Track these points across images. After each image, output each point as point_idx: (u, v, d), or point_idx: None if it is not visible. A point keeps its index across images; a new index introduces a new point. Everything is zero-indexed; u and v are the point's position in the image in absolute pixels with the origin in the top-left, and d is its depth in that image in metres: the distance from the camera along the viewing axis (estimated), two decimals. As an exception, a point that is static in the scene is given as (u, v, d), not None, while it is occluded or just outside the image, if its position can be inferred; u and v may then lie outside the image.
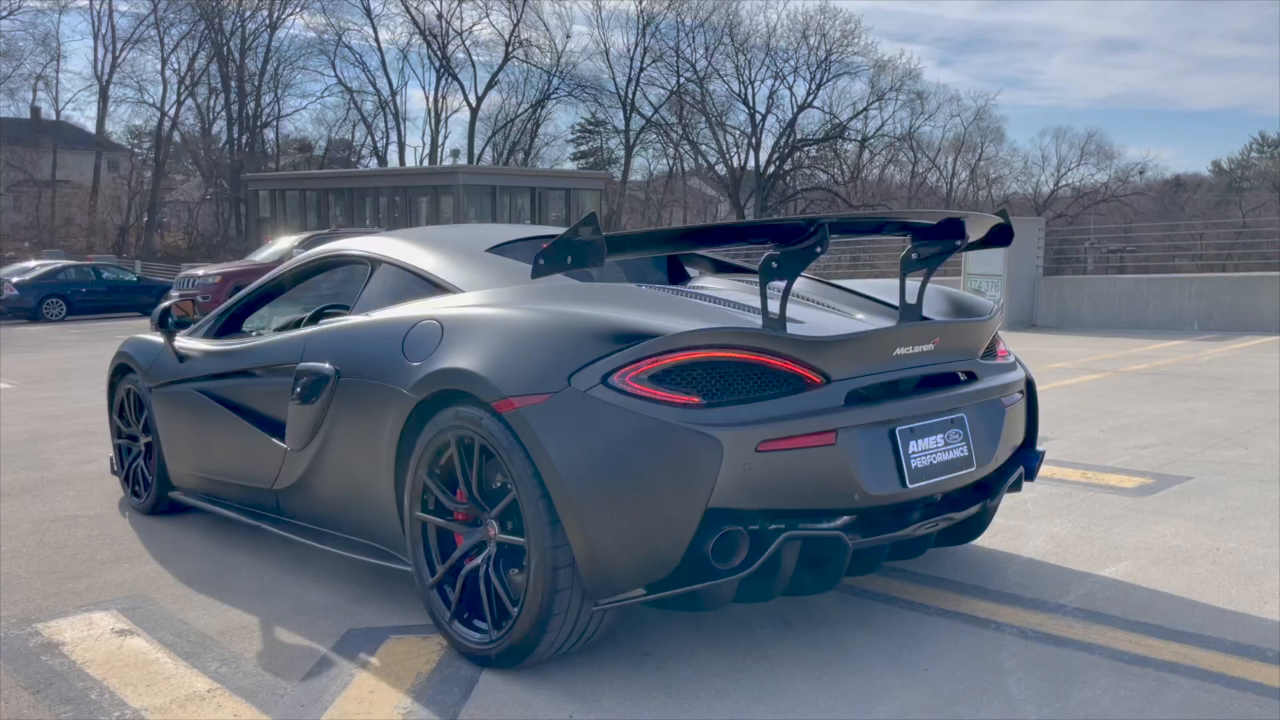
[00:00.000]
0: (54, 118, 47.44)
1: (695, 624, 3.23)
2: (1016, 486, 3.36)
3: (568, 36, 68.71)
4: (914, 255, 3.17)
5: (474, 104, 50.29)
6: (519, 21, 49.00)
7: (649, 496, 2.59)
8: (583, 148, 59.39)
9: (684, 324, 2.76)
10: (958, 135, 53.77)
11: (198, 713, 2.73)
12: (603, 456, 2.61)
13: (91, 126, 47.56)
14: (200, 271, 17.93)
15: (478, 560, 2.92)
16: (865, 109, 50.82)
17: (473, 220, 24.18)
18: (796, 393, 2.71)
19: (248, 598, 3.63)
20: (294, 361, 3.66)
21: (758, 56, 50.10)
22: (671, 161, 54.05)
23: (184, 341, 4.55)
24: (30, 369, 11.90)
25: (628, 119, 51.73)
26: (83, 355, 13.58)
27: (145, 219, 45.14)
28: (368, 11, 48.54)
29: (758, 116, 50.78)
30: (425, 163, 49.73)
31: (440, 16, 48.59)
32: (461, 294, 3.36)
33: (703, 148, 52.72)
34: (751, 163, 51.25)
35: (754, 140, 51.18)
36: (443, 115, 50.69)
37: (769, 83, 50.80)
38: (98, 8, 44.05)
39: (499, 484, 2.87)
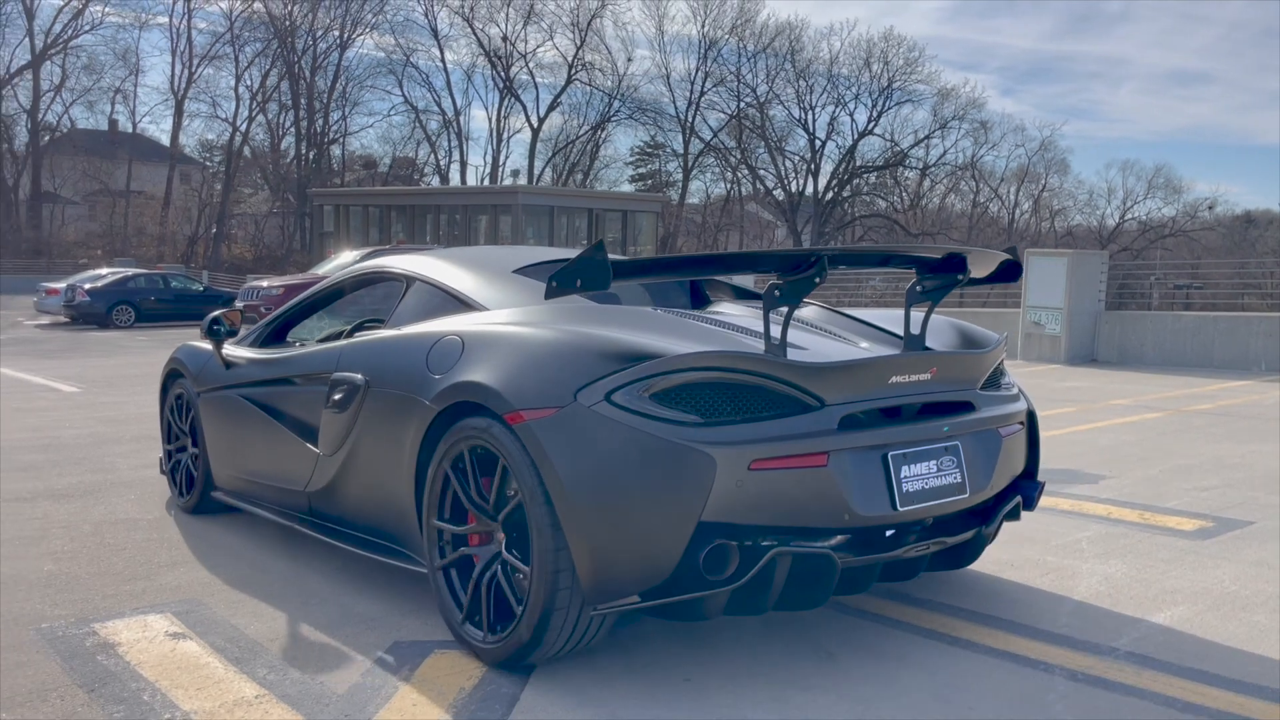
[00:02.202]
0: (130, 130, 48.96)
1: (738, 650, 3.21)
2: (1014, 515, 3.42)
3: (629, 60, 69.35)
4: (919, 288, 3.28)
5: (535, 125, 50.96)
6: (582, 45, 49.61)
7: (645, 507, 2.70)
8: (641, 170, 59.71)
9: (687, 346, 2.87)
10: (1021, 165, 53.22)
11: (245, 717, 2.78)
12: (603, 468, 2.73)
13: (166, 139, 48.98)
14: (264, 283, 18.34)
15: (487, 563, 3.07)
16: (927, 137, 50.58)
17: (530, 240, 24.42)
18: (791, 415, 2.81)
19: (297, 605, 3.69)
20: (329, 371, 3.85)
21: (819, 83, 50.17)
22: (729, 185, 54.17)
23: (231, 350, 4.74)
24: (97, 374, 12.25)
25: (686, 142, 51.95)
26: (148, 361, 13.94)
27: (214, 230, 46.29)
28: (435, 33, 49.56)
29: (817, 142, 50.75)
30: (486, 182, 50.41)
31: (505, 39, 49.38)
32: (486, 311, 3.50)
33: (761, 172, 52.76)
34: (810, 188, 51.22)
35: (813, 166, 51.11)
36: (504, 135, 51.44)
37: (830, 109, 50.84)
38: (177, 25, 45.55)
39: (507, 492, 2.99)
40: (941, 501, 2.99)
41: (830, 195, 51.02)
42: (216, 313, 4.83)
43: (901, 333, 3.39)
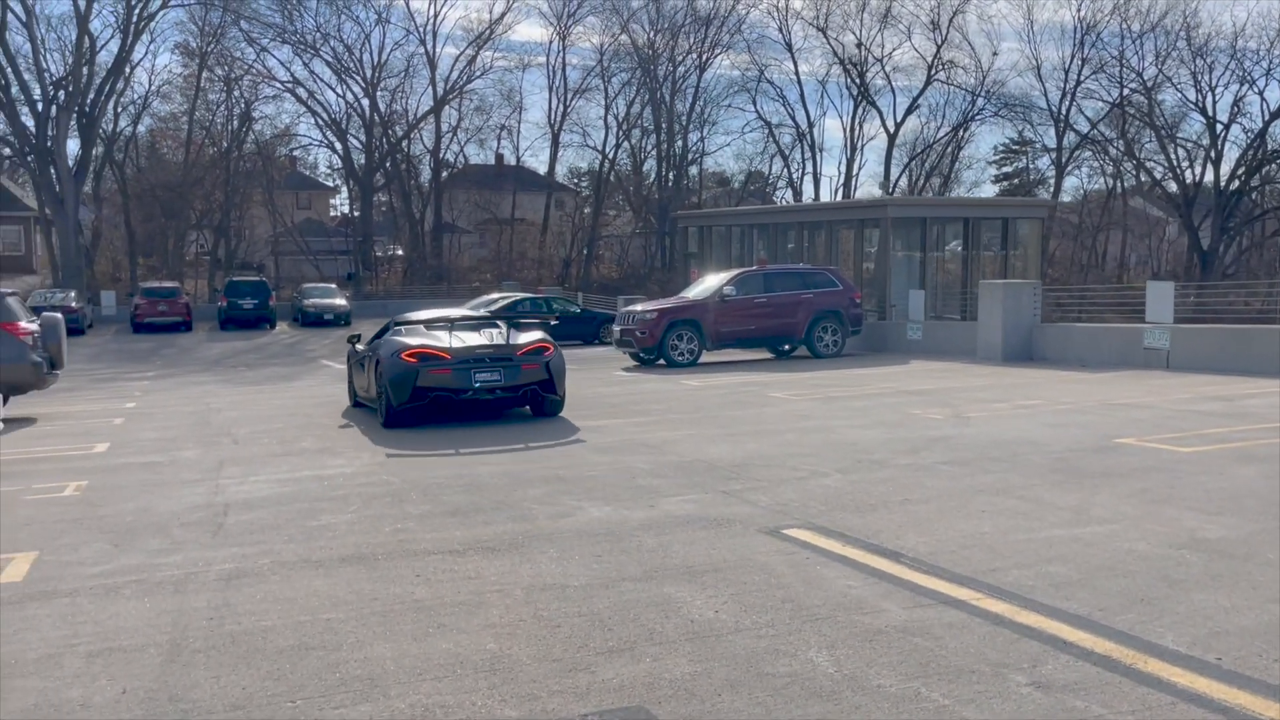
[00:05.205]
0: (514, 163, 53.46)
1: None
2: (538, 392, 11.07)
3: (995, 54, 65.53)
4: (514, 322, 12.25)
5: (891, 130, 49.32)
6: (943, 43, 47.34)
7: (403, 381, 10.67)
8: (1005, 169, 55.94)
9: (419, 342, 10.97)
10: None
11: None
12: (395, 372, 10.71)
13: (543, 170, 52.97)
14: (639, 307, 18.92)
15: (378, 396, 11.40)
16: (1363, 112, 42.73)
17: (897, 251, 23.38)
18: (439, 360, 10.66)
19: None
20: (371, 352, 11.61)
21: (1220, 60, 44.11)
22: (1110, 180, 49.19)
23: (359, 345, 12.87)
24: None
25: (1060, 136, 47.91)
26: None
27: (585, 252, 49.30)
28: (789, 46, 49.48)
29: (1218, 127, 44.66)
30: (840, 193, 49.54)
31: (860, 45, 48.27)
32: (402, 335, 11.58)
33: (1148, 164, 47.40)
34: (1209, 178, 45.16)
35: (1213, 154, 45.01)
36: (859, 144, 50.26)
37: (1233, 88, 44.54)
38: (553, 63, 49.06)
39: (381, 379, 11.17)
40: (491, 383, 10.61)
41: (1235, 185, 44.68)
42: (353, 334, 13.75)
43: (504, 336, 11.28)
